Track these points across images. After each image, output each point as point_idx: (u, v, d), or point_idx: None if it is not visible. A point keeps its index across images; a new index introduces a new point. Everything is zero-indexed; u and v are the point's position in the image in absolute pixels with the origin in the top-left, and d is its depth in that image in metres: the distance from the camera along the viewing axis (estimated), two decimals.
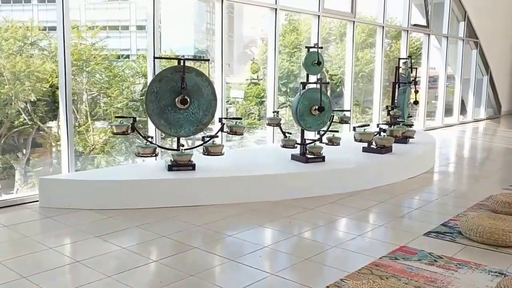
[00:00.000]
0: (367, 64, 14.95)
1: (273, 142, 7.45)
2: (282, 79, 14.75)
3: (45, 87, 8.88)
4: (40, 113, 9.04)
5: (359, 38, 13.68)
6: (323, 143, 5.96)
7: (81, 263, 3.40)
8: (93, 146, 8.71)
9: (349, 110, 6.64)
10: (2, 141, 9.21)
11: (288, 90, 14.96)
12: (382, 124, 7.07)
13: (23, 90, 8.16)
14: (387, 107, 7.33)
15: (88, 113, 8.96)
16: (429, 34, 12.02)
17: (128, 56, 12.05)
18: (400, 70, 7.49)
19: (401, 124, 7.13)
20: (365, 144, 6.55)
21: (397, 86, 7.51)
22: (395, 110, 7.15)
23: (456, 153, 9.45)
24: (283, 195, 5.16)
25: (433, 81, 13.55)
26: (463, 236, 4.11)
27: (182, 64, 5.06)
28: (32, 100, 8.84)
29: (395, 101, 7.44)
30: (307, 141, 5.91)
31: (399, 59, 7.68)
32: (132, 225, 4.26)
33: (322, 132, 5.98)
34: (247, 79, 13.64)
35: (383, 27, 10.13)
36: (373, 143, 6.50)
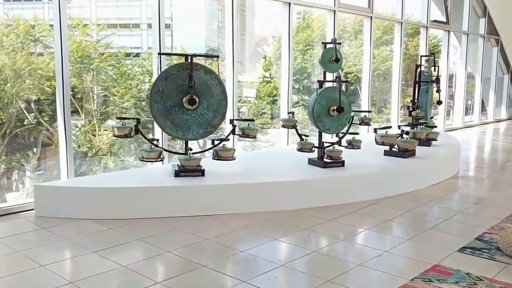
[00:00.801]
0: (382, 62, 14.46)
1: (287, 144, 7.03)
2: (294, 75, 14.34)
3: (52, 86, 8.53)
4: (45, 112, 8.72)
5: (374, 35, 13.20)
6: (342, 146, 5.53)
7: (74, 285, 3.01)
8: (99, 147, 8.34)
9: (370, 111, 6.19)
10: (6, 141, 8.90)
11: (301, 87, 14.50)
12: (404, 125, 6.60)
13: (27, 88, 7.82)
14: (408, 107, 6.86)
15: (95, 112, 8.60)
16: (449, 31, 11.50)
17: (138, 54, 11.74)
18: (422, 68, 7.01)
19: (423, 126, 6.66)
20: (387, 147, 6.10)
21: (417, 85, 7.02)
22: (417, 110, 6.69)
23: (480, 156, 8.94)
24: (300, 204, 4.74)
25: (447, 79, 13.05)
26: (502, 253, 3.65)
27: (189, 61, 4.66)
28: (35, 99, 8.52)
29: (416, 100, 6.96)
30: (325, 144, 5.48)
31: (421, 56, 7.21)
32: (134, 238, 3.87)
33: (341, 135, 5.55)
34: (259, 77, 13.20)
35: (401, 23, 9.65)
36: (395, 146, 6.05)
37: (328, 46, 5.38)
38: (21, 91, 7.66)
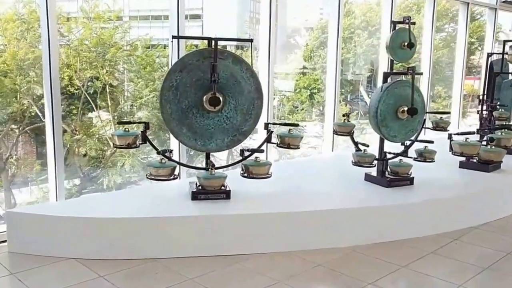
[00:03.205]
0: (435, 50, 12.92)
1: (332, 150, 5.77)
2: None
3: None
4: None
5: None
6: (409, 157, 4.26)
7: None
8: (114, 149, 7.29)
9: (448, 112, 4.87)
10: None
11: (342, 80, 13.13)
12: (484, 129, 5.23)
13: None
14: (490, 106, 5.45)
15: (110, 108, 7.56)
16: None
17: (165, 47, 10.85)
18: (506, 57, 5.60)
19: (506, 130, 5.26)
20: (462, 157, 4.77)
21: (490, 77, 5.63)
22: (501, 110, 5.30)
23: None
24: (357, 239, 3.53)
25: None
26: None
27: (213, 46, 3.49)
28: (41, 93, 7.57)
29: (494, 97, 5.59)
30: (388, 155, 4.22)
31: (504, 41, 5.78)
32: None
33: (408, 142, 4.27)
34: (296, 69, 11.89)
35: (467, 3, 8.17)
36: (476, 157, 4.71)
37: (398, 27, 4.08)
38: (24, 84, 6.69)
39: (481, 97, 5.84)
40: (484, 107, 5.72)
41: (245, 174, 3.69)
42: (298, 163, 5.45)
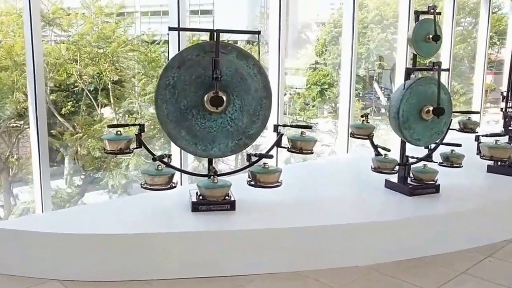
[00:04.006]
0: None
1: (347, 151, 5.36)
2: (339, 64, 12.55)
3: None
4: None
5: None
6: (433, 161, 3.83)
7: None
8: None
9: (478, 112, 4.44)
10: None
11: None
12: (508, 127, 4.77)
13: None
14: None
15: (114, 106, 7.20)
16: None
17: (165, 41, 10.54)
18: None
19: None
20: (491, 161, 4.34)
21: None
22: None
23: None
24: (376, 257, 3.13)
25: (498, 65, 10.97)
26: None
27: (215, 39, 3.09)
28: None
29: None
30: (411, 160, 3.81)
31: None
32: None
33: (432, 145, 3.85)
34: (311, 64, 11.45)
35: None
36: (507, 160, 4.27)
37: (422, 18, 3.65)
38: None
39: (504, 93, 5.40)
40: (510, 104, 5.27)
41: (252, 182, 3.30)
42: (311, 166, 5.04)
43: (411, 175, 3.77)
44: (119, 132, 3.14)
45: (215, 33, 3.09)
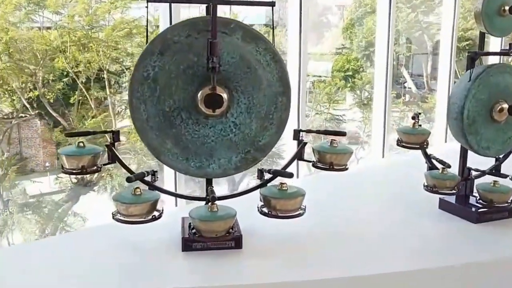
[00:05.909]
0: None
1: (382, 156, 4.44)
2: (365, 47, 11.55)
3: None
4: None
5: None
6: (503, 175, 2.91)
7: None
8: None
9: None
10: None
11: (370, 63, 11.60)
12: None
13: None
14: None
15: (111, 99, 6.40)
16: None
17: None
18: None
19: None
20: None
21: None
22: None
23: None
24: None
25: None
26: None
27: (211, 13, 2.21)
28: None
29: None
30: (473, 173, 2.89)
31: None
32: None
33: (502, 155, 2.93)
34: (337, 48, 10.43)
35: None
36: None
37: None
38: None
39: None
40: None
41: (265, 210, 2.42)
42: (337, 177, 4.07)
43: (475, 193, 2.86)
44: (81, 144, 2.29)
45: (211, 5, 2.21)
